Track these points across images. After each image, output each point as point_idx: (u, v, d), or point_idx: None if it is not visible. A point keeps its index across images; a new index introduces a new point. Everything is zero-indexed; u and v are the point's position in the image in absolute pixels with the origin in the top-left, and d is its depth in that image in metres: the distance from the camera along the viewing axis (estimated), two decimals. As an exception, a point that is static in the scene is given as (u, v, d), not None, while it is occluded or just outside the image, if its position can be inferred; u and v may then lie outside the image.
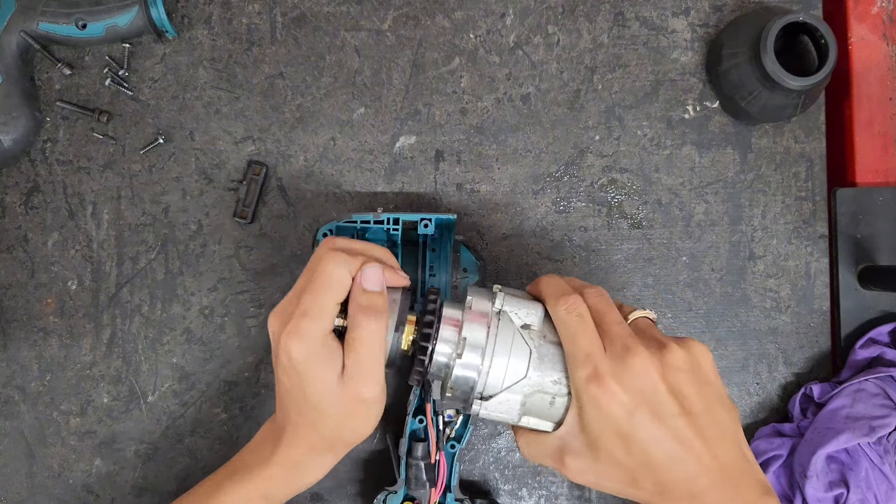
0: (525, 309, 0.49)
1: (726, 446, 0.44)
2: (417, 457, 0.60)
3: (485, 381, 0.48)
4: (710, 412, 0.44)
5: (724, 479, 0.43)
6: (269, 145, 0.68)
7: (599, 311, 0.47)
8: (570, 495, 0.68)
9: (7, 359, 0.67)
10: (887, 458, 0.60)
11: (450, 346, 0.48)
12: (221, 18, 0.69)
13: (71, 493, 0.67)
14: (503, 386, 0.47)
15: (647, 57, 0.69)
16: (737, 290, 0.69)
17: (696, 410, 0.44)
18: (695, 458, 0.43)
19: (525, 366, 0.47)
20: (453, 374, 0.48)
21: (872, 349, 0.66)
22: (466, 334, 0.48)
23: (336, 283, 0.48)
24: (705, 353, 0.46)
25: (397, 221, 0.59)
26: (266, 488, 0.53)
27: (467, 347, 0.47)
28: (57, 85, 0.68)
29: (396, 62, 0.69)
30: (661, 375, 0.44)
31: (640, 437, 0.43)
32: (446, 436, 0.60)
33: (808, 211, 0.69)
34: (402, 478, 0.61)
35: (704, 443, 0.43)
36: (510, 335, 0.48)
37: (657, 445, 0.43)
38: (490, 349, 0.47)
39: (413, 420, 0.61)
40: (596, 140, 0.69)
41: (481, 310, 0.49)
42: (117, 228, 0.68)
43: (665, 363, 0.44)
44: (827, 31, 0.62)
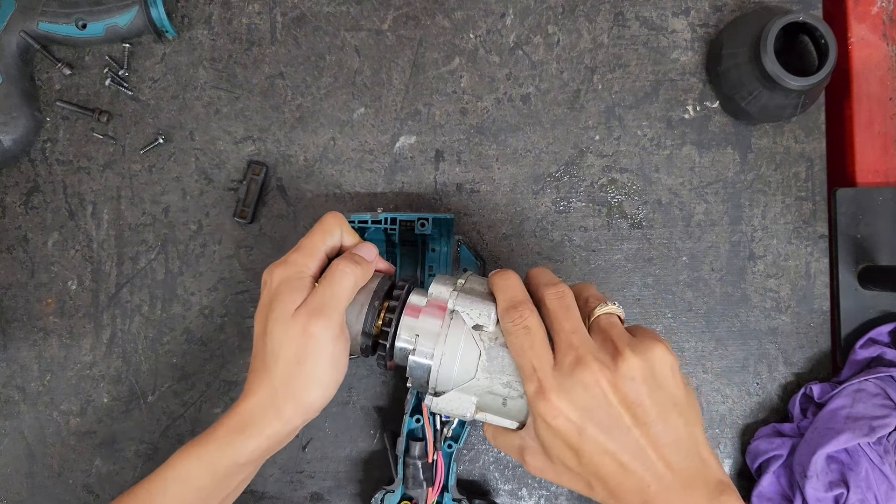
0: (478, 309, 0.48)
1: (680, 452, 0.44)
2: (415, 456, 0.60)
3: (436, 378, 0.48)
4: (663, 419, 0.44)
5: (676, 485, 0.44)
6: (269, 145, 0.68)
7: (556, 318, 0.46)
8: (570, 495, 0.68)
9: (7, 359, 0.67)
10: (887, 458, 0.60)
11: (410, 334, 0.49)
12: (221, 18, 0.69)
13: (71, 493, 0.67)
14: (453, 384, 0.48)
15: (647, 57, 0.69)
16: (737, 290, 0.69)
17: (650, 420, 0.44)
18: (646, 467, 0.43)
19: (474, 367, 0.47)
20: (408, 364, 0.49)
21: (872, 349, 0.65)
22: (422, 326, 0.48)
23: (329, 230, 0.52)
24: (664, 355, 0.45)
25: (395, 221, 0.60)
26: (206, 452, 0.50)
27: (420, 340, 0.48)
28: (57, 85, 0.68)
29: (396, 62, 0.69)
30: (612, 387, 0.44)
31: (588, 451, 0.44)
32: (444, 436, 0.60)
33: (808, 211, 0.69)
34: (399, 477, 0.61)
35: (656, 451, 0.44)
36: (460, 335, 0.48)
37: (607, 458, 0.44)
38: (440, 347, 0.47)
39: (410, 419, 0.61)
40: (596, 140, 0.69)
41: (441, 302, 0.49)
42: (117, 228, 0.68)
43: (617, 373, 0.44)
44: (827, 31, 0.62)
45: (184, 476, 0.51)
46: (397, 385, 0.68)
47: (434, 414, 0.60)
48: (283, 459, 0.67)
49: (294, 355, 0.48)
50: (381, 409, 0.68)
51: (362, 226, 0.60)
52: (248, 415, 0.50)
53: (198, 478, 0.50)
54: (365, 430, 0.68)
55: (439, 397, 0.48)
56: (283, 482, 0.67)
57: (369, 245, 0.53)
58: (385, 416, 0.68)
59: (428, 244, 0.64)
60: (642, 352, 0.45)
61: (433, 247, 0.64)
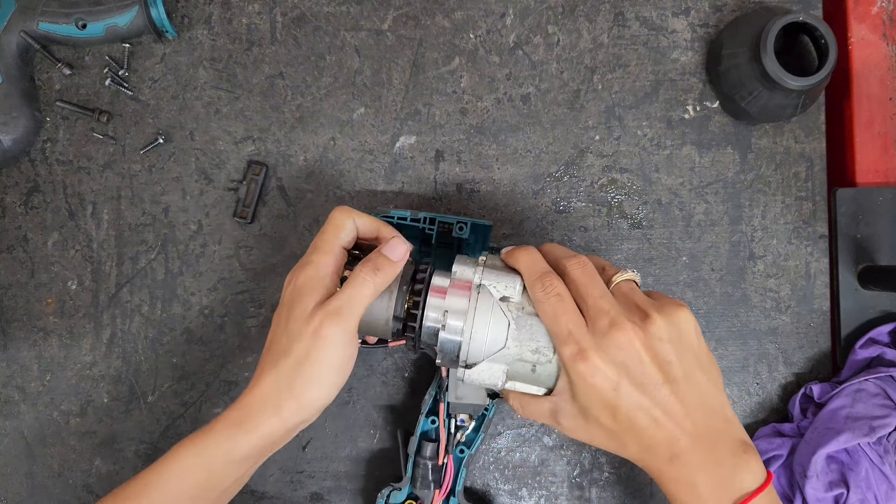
0: (504, 282, 0.51)
1: (705, 410, 0.47)
2: (426, 456, 0.60)
3: (467, 350, 0.50)
4: (690, 379, 0.47)
5: (702, 441, 0.47)
6: (269, 145, 0.68)
7: (583, 285, 0.49)
8: (569, 495, 0.68)
9: (7, 359, 0.67)
10: (887, 458, 0.60)
11: (438, 313, 0.51)
12: (221, 18, 0.69)
13: (71, 493, 0.67)
14: (484, 355, 0.50)
15: (647, 57, 0.69)
16: (737, 290, 0.69)
17: (678, 377, 0.47)
18: (675, 422, 0.46)
19: (504, 336, 0.50)
20: (439, 341, 0.51)
21: (872, 349, 0.66)
22: (449, 304, 0.51)
23: (339, 225, 0.53)
24: (687, 318, 0.48)
25: (433, 221, 0.60)
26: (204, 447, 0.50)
27: (450, 316, 0.50)
28: (57, 85, 0.68)
29: (396, 62, 0.69)
30: (644, 346, 0.47)
31: (624, 407, 0.47)
32: (457, 440, 0.60)
33: (808, 211, 0.69)
34: (408, 476, 0.61)
35: (684, 408, 0.47)
36: (489, 307, 0.50)
37: (641, 413, 0.47)
38: (470, 321, 0.50)
39: (426, 420, 0.61)
40: (596, 140, 0.69)
41: (465, 280, 0.51)
42: (117, 228, 0.68)
43: (648, 334, 0.47)
44: (827, 31, 0.62)
45: (180, 470, 0.51)
46: (410, 377, 0.68)
47: (450, 416, 0.60)
48: (283, 459, 0.67)
49: (304, 353, 0.49)
50: (389, 407, 0.68)
51: (401, 222, 0.60)
52: (248, 409, 0.50)
53: (193, 473, 0.50)
54: (365, 430, 0.68)
55: (471, 369, 0.51)
56: (283, 482, 0.67)
57: (397, 242, 0.53)
58: (398, 414, 0.68)
59: (462, 248, 0.64)
60: (668, 314, 0.48)
61: (467, 252, 0.63)
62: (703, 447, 0.47)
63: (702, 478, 0.46)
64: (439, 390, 0.60)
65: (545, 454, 0.68)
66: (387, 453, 0.68)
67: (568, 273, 0.50)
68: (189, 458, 0.51)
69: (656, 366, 0.47)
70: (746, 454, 0.47)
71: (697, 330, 0.49)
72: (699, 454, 0.46)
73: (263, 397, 0.50)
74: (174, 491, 0.50)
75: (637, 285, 0.51)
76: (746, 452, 0.47)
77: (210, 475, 0.51)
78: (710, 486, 0.46)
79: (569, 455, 0.68)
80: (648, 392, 0.46)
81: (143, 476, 0.51)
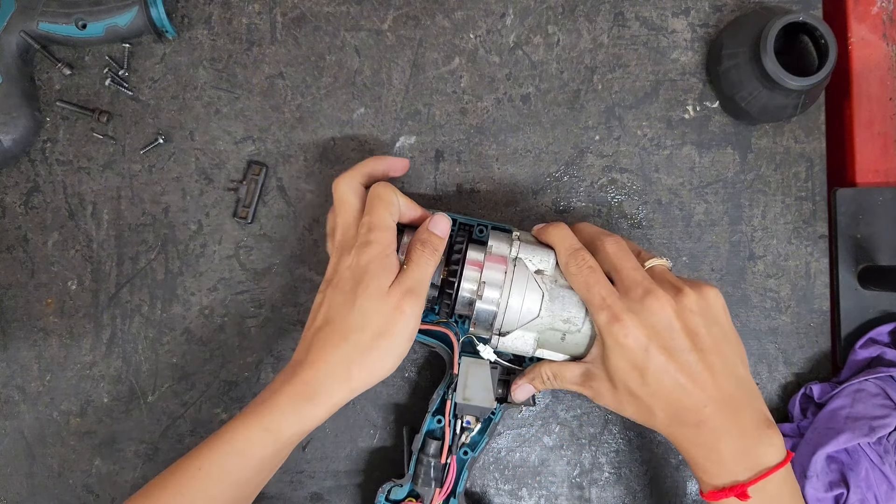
0: (539, 256, 0.55)
1: (730, 380, 0.49)
2: (429, 454, 0.60)
3: (502, 319, 0.54)
4: (717, 349, 0.50)
5: (727, 408, 0.48)
6: (269, 145, 0.68)
7: (618, 259, 0.52)
8: (569, 495, 0.68)
9: (7, 359, 0.67)
10: (887, 458, 0.60)
11: (473, 284, 0.55)
12: (221, 18, 0.69)
13: (71, 493, 0.67)
14: (518, 323, 0.54)
15: (647, 57, 0.69)
16: (737, 290, 0.69)
17: (705, 347, 0.49)
18: (701, 388, 0.48)
19: (538, 307, 0.54)
20: (475, 310, 0.54)
21: (872, 349, 0.66)
22: (486, 276, 0.54)
23: (389, 202, 0.55)
24: (717, 296, 0.52)
25: (454, 222, 0.61)
26: (271, 420, 0.51)
27: (487, 288, 0.54)
28: (57, 85, 0.68)
29: (396, 62, 0.69)
30: (675, 314, 0.49)
31: (653, 369, 0.49)
32: (461, 441, 0.60)
33: (808, 211, 0.69)
34: (410, 473, 0.61)
35: (711, 376, 0.49)
36: (524, 279, 0.54)
37: (668, 377, 0.49)
38: (506, 291, 0.54)
39: (432, 419, 0.61)
40: (596, 140, 0.69)
41: (500, 254, 0.55)
42: (117, 228, 0.68)
43: (680, 304, 0.50)
44: (827, 31, 0.62)
45: (243, 446, 0.51)
46: (410, 376, 0.68)
47: (456, 417, 0.60)
48: (283, 459, 0.67)
49: (382, 327, 0.52)
50: (389, 407, 0.68)
51: None
52: (316, 383, 0.52)
53: (262, 448, 0.51)
54: (365, 430, 0.68)
55: (504, 336, 0.55)
56: (283, 482, 0.67)
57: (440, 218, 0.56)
58: (399, 413, 0.68)
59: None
60: (699, 290, 0.51)
61: None
62: (729, 415, 0.48)
63: (725, 445, 0.48)
64: (448, 390, 0.60)
65: (545, 454, 0.68)
66: (387, 453, 0.68)
67: (602, 248, 0.53)
68: (255, 432, 0.51)
69: (686, 334, 0.49)
70: (770, 429, 0.49)
71: (725, 309, 0.52)
72: (724, 422, 0.48)
73: (331, 370, 0.52)
74: (237, 469, 0.51)
75: (668, 269, 0.54)
76: (770, 427, 0.49)
77: (277, 450, 0.52)
78: (734, 453, 0.48)
79: (569, 455, 0.68)
80: (676, 357, 0.49)
81: (194, 458, 0.51)
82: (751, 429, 0.48)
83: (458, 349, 0.60)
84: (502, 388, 0.60)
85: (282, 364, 0.68)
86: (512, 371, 0.60)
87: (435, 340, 0.61)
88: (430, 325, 0.61)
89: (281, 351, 0.68)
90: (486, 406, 0.59)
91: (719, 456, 0.48)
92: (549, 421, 0.68)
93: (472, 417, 0.60)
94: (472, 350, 0.60)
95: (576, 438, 0.68)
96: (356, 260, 0.53)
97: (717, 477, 0.48)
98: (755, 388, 0.51)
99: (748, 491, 0.47)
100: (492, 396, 0.59)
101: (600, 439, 0.68)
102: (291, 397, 0.52)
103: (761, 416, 0.49)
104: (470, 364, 0.60)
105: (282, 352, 0.68)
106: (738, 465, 0.48)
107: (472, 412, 0.60)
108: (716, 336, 0.50)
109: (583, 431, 0.68)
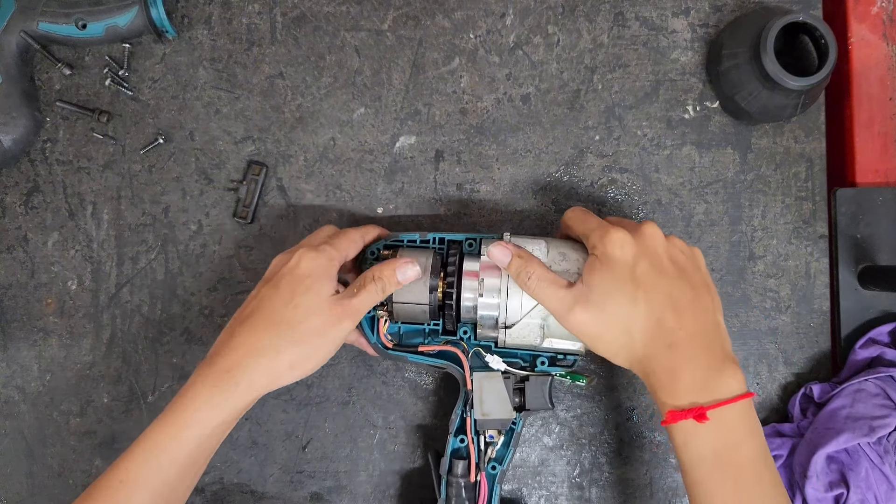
0: (531, 246, 0.57)
1: (707, 319, 0.52)
2: (457, 474, 0.59)
3: (505, 313, 0.56)
4: (697, 291, 0.53)
5: (699, 340, 0.51)
6: (269, 145, 0.68)
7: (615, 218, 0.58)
8: (569, 495, 0.68)
9: (7, 359, 0.67)
10: (887, 458, 0.60)
11: (473, 292, 0.57)
12: (221, 18, 0.69)
13: (71, 494, 0.67)
14: (521, 313, 0.56)
15: (647, 57, 0.69)
16: (737, 290, 0.69)
17: (690, 283, 0.53)
18: (678, 315, 0.51)
19: None
20: (478, 314, 0.57)
21: (872, 349, 0.65)
22: (484, 279, 0.57)
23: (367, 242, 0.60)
24: (702, 256, 0.56)
25: (443, 241, 0.61)
26: (192, 416, 0.51)
27: (486, 291, 0.57)
28: (57, 85, 0.68)
29: (396, 62, 0.69)
30: (664, 246, 0.53)
31: (643, 284, 0.51)
32: (487, 457, 0.60)
33: (808, 211, 0.69)
34: (442, 497, 0.60)
35: (691, 309, 0.52)
36: None
37: (656, 294, 0.51)
38: (505, 288, 0.56)
39: (455, 439, 0.60)
40: (596, 140, 0.69)
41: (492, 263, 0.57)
42: (117, 228, 0.68)
43: (670, 241, 0.54)
44: (827, 31, 0.62)
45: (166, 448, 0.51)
46: (409, 376, 0.68)
47: (478, 434, 0.60)
48: (283, 459, 0.67)
49: (318, 329, 0.53)
50: (389, 407, 0.68)
51: (410, 245, 0.61)
52: (238, 370, 0.53)
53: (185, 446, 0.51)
54: (365, 430, 0.68)
55: (511, 329, 0.57)
56: (283, 482, 0.67)
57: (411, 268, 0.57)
58: (427, 434, 0.67)
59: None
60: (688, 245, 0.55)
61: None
62: (698, 347, 0.51)
63: (691, 371, 0.50)
64: (465, 408, 0.60)
65: (545, 454, 0.68)
66: (387, 452, 0.68)
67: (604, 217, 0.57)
68: (179, 430, 0.51)
69: (673, 264, 0.53)
70: (735, 365, 0.51)
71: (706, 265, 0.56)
72: (694, 350, 0.51)
73: (256, 357, 0.52)
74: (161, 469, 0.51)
75: None
76: (735, 364, 0.51)
77: (205, 443, 0.52)
78: (697, 379, 0.50)
79: (569, 455, 0.68)
80: (663, 278, 0.52)
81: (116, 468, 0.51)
82: (717, 362, 0.51)
83: (468, 364, 0.59)
84: (518, 397, 0.59)
85: (282, 364, 0.68)
86: (525, 378, 0.59)
87: (444, 361, 0.61)
88: (438, 346, 0.60)
89: (281, 351, 0.68)
90: (505, 418, 0.59)
91: (683, 380, 0.50)
92: (549, 421, 0.68)
93: (495, 431, 0.60)
94: (481, 364, 0.60)
95: (576, 438, 0.68)
96: (298, 262, 0.55)
97: (680, 398, 0.50)
98: (727, 335, 0.53)
99: (707, 413, 0.49)
100: (510, 407, 0.59)
101: (600, 439, 0.68)
102: (211, 388, 0.52)
103: (728, 354, 0.52)
104: (482, 379, 0.59)
105: (282, 352, 0.68)
106: (700, 390, 0.50)
107: (493, 426, 0.59)
108: (697, 281, 0.53)
109: (583, 431, 0.68)
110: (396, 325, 0.61)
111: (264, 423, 0.67)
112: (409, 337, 0.62)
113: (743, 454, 0.49)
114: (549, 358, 0.60)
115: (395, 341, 0.61)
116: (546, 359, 0.60)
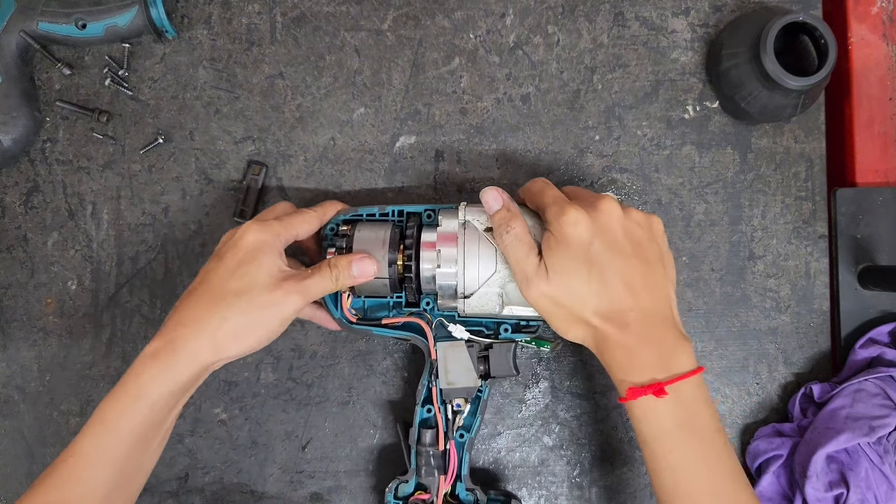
0: (486, 214, 0.57)
1: (658, 295, 0.53)
2: (426, 444, 0.60)
3: (463, 283, 0.57)
4: (651, 266, 0.53)
5: (652, 318, 0.52)
6: (269, 145, 0.68)
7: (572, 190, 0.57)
8: (569, 495, 0.68)
9: (7, 359, 0.67)
10: (887, 458, 0.60)
11: (431, 263, 0.58)
12: (221, 18, 0.69)
13: (71, 493, 0.67)
14: (479, 283, 0.57)
15: (647, 57, 0.69)
16: (737, 290, 0.69)
17: (645, 258, 0.53)
18: (632, 294, 0.52)
19: (493, 262, 0.57)
20: (437, 284, 0.57)
21: (872, 349, 0.66)
22: (441, 250, 0.57)
23: (313, 220, 0.59)
24: (660, 222, 0.55)
25: (402, 213, 0.61)
26: (135, 385, 0.51)
27: (443, 261, 0.57)
28: (57, 85, 0.68)
29: (396, 62, 0.69)
30: (621, 221, 0.53)
31: (597, 262, 0.51)
32: (455, 425, 0.61)
33: (808, 211, 0.69)
34: (412, 467, 0.61)
35: (643, 285, 0.52)
36: (476, 239, 0.57)
37: (611, 273, 0.51)
38: (461, 257, 0.57)
39: (422, 409, 0.61)
40: (596, 140, 0.69)
41: (450, 228, 0.58)
42: (117, 228, 0.68)
43: (628, 215, 0.53)
44: (827, 31, 0.62)
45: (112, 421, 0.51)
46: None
47: (445, 403, 0.60)
48: (283, 459, 0.67)
49: (267, 302, 0.53)
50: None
51: (370, 219, 0.61)
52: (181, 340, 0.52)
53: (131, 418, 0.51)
54: (365, 430, 0.68)
55: (469, 298, 0.57)
56: (283, 482, 0.67)
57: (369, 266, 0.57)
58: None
59: None
60: (645, 213, 0.55)
61: None
62: (652, 325, 0.52)
63: (646, 349, 0.51)
64: (431, 378, 0.61)
65: (545, 454, 0.68)
66: (388, 452, 0.68)
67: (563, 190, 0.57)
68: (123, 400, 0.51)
69: (628, 240, 0.53)
70: (686, 341, 0.52)
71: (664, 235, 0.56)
72: (647, 329, 0.51)
73: (199, 327, 0.52)
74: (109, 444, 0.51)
75: None
76: (686, 340, 0.53)
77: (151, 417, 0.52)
78: (653, 356, 0.51)
79: (569, 455, 0.68)
80: (617, 258, 0.52)
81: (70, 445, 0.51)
82: (669, 339, 0.52)
83: (432, 335, 0.60)
84: (483, 365, 0.60)
85: (281, 363, 0.68)
86: (489, 346, 0.60)
87: (410, 333, 0.61)
88: (402, 318, 0.61)
89: (280, 351, 0.68)
90: (471, 385, 0.60)
91: (641, 357, 0.51)
92: (549, 421, 0.68)
93: (462, 399, 0.60)
94: (446, 334, 0.61)
95: (576, 438, 0.68)
96: (243, 234, 0.55)
97: (637, 375, 0.51)
98: (675, 309, 0.54)
99: (665, 388, 0.50)
100: (474, 375, 0.60)
101: (600, 439, 0.68)
102: (152, 359, 0.52)
103: (678, 332, 0.53)
104: (446, 348, 0.60)
105: (281, 352, 0.68)
106: (657, 367, 0.51)
107: (459, 394, 0.60)
108: (653, 253, 0.53)
109: (583, 431, 0.68)
110: (360, 300, 0.62)
111: (264, 423, 0.67)
112: (373, 311, 0.62)
113: (703, 421, 0.51)
114: (512, 325, 0.61)
115: (359, 315, 0.62)
116: (509, 326, 0.61)
